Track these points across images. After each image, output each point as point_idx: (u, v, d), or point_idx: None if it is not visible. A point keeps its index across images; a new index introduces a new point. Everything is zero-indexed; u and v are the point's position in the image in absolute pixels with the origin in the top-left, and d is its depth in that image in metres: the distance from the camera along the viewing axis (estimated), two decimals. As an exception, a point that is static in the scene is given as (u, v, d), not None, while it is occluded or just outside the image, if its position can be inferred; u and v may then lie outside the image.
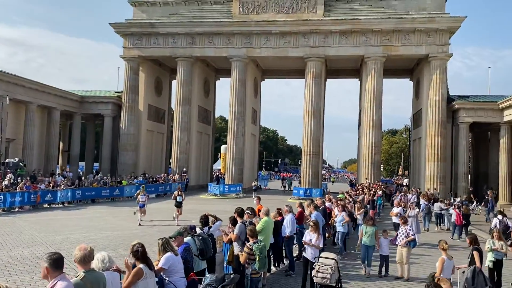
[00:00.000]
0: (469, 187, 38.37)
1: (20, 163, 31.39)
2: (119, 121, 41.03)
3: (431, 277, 8.09)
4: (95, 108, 43.45)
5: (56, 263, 4.54)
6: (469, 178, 40.83)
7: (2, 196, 23.70)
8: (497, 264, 10.51)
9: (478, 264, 8.87)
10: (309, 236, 10.56)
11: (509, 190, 34.99)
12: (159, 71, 45.24)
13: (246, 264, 8.56)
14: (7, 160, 31.39)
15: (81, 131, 45.61)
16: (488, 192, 29.18)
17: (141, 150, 41.62)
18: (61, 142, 47.34)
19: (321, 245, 10.78)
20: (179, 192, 21.43)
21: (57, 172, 39.75)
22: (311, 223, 10.95)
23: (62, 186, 28.17)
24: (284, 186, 48.82)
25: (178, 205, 20.81)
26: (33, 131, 37.48)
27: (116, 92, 44.33)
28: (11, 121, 35.69)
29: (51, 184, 28.40)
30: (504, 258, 10.80)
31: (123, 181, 34.21)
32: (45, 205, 26.42)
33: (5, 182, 25.81)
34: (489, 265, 10.46)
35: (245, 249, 8.54)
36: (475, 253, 9.12)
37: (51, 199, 26.88)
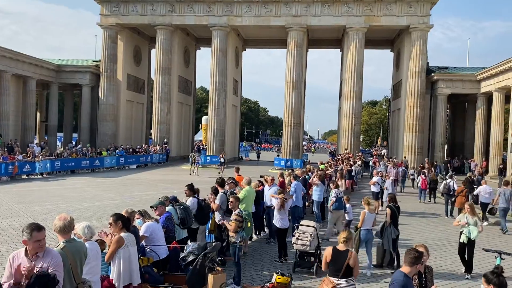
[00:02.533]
0: (445, 157, 39.33)
1: (-4, 134, 30.67)
2: (97, 91, 40.18)
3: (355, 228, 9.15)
4: (73, 78, 42.30)
5: (38, 229, 4.50)
6: (446, 148, 41.70)
7: (-22, 167, 23.27)
8: (470, 242, 9.57)
9: (388, 219, 10.09)
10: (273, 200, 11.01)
11: (484, 159, 35.95)
12: (138, 39, 44.16)
13: (234, 233, 8.64)
14: (-19, 131, 30.61)
15: (58, 101, 44.44)
16: (473, 165, 30.14)
17: (121, 121, 41.05)
18: (38, 113, 46.25)
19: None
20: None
21: (36, 142, 39.08)
22: (275, 189, 11.23)
23: (40, 157, 27.73)
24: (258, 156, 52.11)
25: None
26: (8, 101, 36.42)
27: (94, 61, 43.19)
28: (-16, 91, 34.72)
29: (29, 155, 27.94)
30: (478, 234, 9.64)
31: (103, 152, 33.86)
32: (24, 176, 26.00)
33: (-19, 153, 25.27)
34: (464, 240, 9.60)
35: (235, 216, 8.59)
36: (387, 210, 10.36)
37: (30, 170, 26.45)
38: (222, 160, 32.39)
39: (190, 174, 29.84)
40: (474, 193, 17.09)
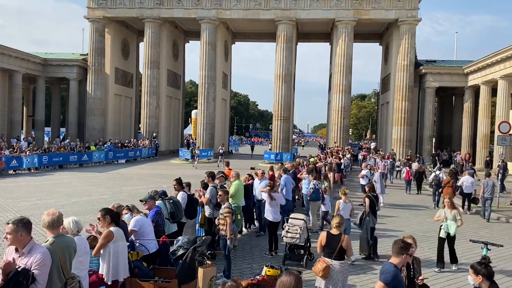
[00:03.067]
0: (433, 150, 39.68)
1: (-18, 129, 30.23)
2: (85, 85, 39.73)
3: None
4: (60, 72, 41.79)
5: (27, 228, 4.47)
6: (433, 141, 42.06)
7: (-36, 163, 22.96)
8: (449, 237, 9.53)
9: (367, 208, 10.41)
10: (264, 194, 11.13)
11: (470, 151, 36.36)
12: (126, 33, 43.69)
13: (224, 226, 8.62)
14: (-33, 126, 30.17)
15: (45, 96, 43.90)
16: (458, 157, 30.58)
17: (109, 115, 40.67)
18: (24, 107, 45.64)
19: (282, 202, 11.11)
20: None
21: (23, 137, 38.62)
22: (268, 184, 11.25)
23: (27, 152, 27.43)
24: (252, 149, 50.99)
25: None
26: (-7, 95, 35.98)
27: (81, 54, 42.69)
28: (-31, 85, 34.21)
29: (15, 150, 27.60)
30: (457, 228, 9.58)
31: (91, 146, 33.58)
32: (10, 172, 25.70)
33: (-33, 148, 24.92)
34: (443, 235, 9.57)
35: (226, 209, 8.57)
36: (366, 199, 10.60)
37: (17, 165, 26.15)
38: (221, 151, 33.60)
39: (193, 166, 30.97)
40: (458, 184, 17.46)
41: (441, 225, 9.65)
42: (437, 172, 19.07)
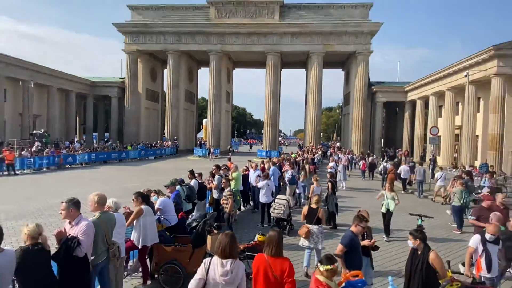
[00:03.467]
0: (382, 148, 39.87)
1: (45, 134, 29.95)
2: (123, 101, 39.48)
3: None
4: (104, 91, 41.56)
5: (77, 206, 4.46)
6: (382, 141, 42.24)
7: (32, 160, 22.71)
8: (388, 212, 9.42)
9: (330, 190, 10.65)
10: (260, 183, 11.00)
11: (409, 149, 36.58)
12: (154, 62, 43.44)
13: (227, 205, 8.59)
14: (34, 131, 29.88)
15: (93, 109, 43.62)
16: (400, 152, 30.72)
17: (141, 123, 40.43)
18: (77, 117, 45.26)
19: (273, 189, 11.06)
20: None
21: (76, 140, 38.33)
22: (264, 174, 11.27)
23: (80, 151, 27.22)
24: (250, 148, 50.29)
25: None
26: (54, 108, 35.67)
27: (120, 78, 42.38)
28: (36, 101, 33.91)
29: (71, 150, 27.39)
30: (395, 205, 9.44)
31: (128, 146, 33.41)
32: (67, 166, 25.51)
33: (34, 148, 24.67)
34: (384, 211, 9.49)
35: (228, 192, 8.58)
36: (328, 184, 10.87)
37: (72, 161, 25.95)
38: (230, 149, 34.98)
39: (210, 160, 31.02)
40: (398, 171, 17.75)
41: (383, 203, 9.65)
42: (385, 164, 19.41)
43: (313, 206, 7.23)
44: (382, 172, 18.99)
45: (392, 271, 7.04)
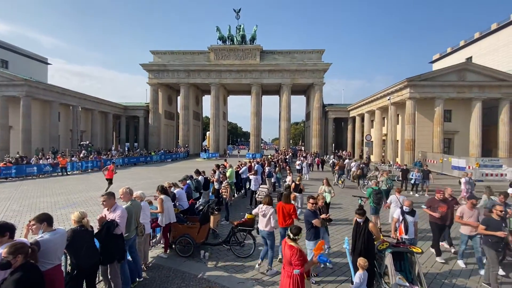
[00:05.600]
0: (333, 150, 40.27)
1: (90, 144, 28.97)
2: (148, 119, 38.63)
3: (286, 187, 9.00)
4: (133, 112, 40.52)
5: (113, 196, 4.35)
6: (333, 145, 42.71)
7: (80, 163, 21.91)
8: (326, 203, 8.83)
9: (291, 184, 9.63)
10: (252, 176, 10.89)
11: (351, 150, 37.14)
12: (170, 91, 42.73)
13: (225, 193, 8.48)
14: (81, 143, 28.88)
15: (125, 126, 42.48)
16: (344, 153, 31.12)
17: (161, 135, 39.50)
18: (114, 132, 43.99)
19: (260, 181, 11.01)
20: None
21: (113, 148, 37.19)
22: (254, 171, 11.20)
23: (116, 156, 26.42)
24: (239, 152, 49.55)
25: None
26: (96, 126, 34.56)
27: (145, 103, 41.49)
28: (83, 120, 32.83)
29: (109, 155, 26.55)
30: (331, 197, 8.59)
31: (152, 152, 32.67)
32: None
33: (81, 155, 23.82)
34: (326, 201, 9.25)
35: (225, 184, 8.49)
36: (288, 177, 10.59)
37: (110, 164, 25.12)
38: (225, 153, 33.10)
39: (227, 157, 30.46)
40: (345, 163, 17.94)
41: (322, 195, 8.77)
42: (333, 159, 19.94)
43: (297, 182, 8.68)
44: (331, 165, 19.27)
45: (345, 236, 7.10)
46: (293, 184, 8.73)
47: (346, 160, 18.24)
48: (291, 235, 3.64)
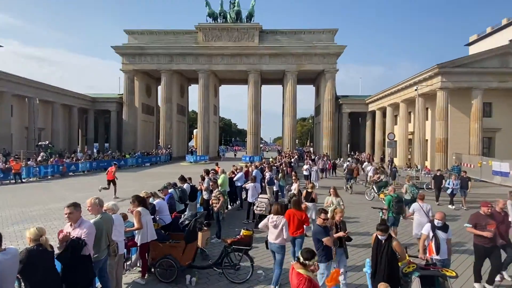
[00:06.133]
0: (348, 152, 40.41)
1: (50, 145, 28.90)
2: (121, 114, 38.59)
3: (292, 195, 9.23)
4: (103, 106, 40.49)
5: (78, 209, 4.34)
6: (348, 146, 42.82)
7: (38, 168, 21.81)
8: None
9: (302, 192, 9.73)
10: (249, 185, 10.87)
11: (371, 152, 37.26)
12: (148, 79, 42.81)
13: (217, 204, 8.46)
14: (39, 143, 28.79)
15: (94, 122, 42.39)
16: (363, 155, 31.35)
17: (138, 134, 39.56)
18: (80, 129, 43.90)
19: (259, 190, 11.03)
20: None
21: (79, 150, 37.10)
22: (251, 177, 11.20)
23: (82, 159, 26.35)
24: (235, 155, 49.24)
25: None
26: (58, 122, 34.46)
27: (118, 94, 41.48)
28: (41, 116, 32.72)
29: (74, 158, 26.48)
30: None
31: (126, 155, 32.62)
32: (70, 174, 24.62)
33: (39, 158, 23.74)
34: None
35: (217, 193, 8.45)
36: (294, 185, 10.48)
37: (75, 169, 25.08)
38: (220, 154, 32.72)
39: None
40: (363, 166, 18.19)
41: (330, 208, 7.80)
42: (347, 163, 20.13)
43: (309, 190, 8.75)
44: (345, 170, 19.29)
45: (365, 257, 7.11)
46: (305, 191, 8.88)
47: (365, 163, 18.41)
48: (301, 259, 3.48)
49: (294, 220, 6.21)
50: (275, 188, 13.42)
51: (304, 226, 6.37)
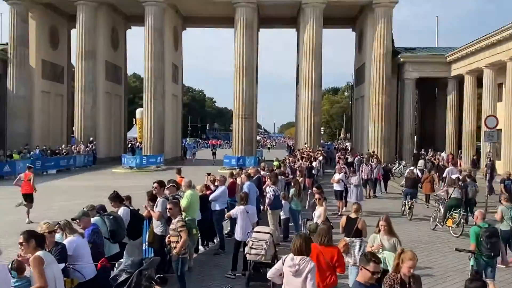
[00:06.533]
0: (414, 149, 40.35)
1: None
2: (5, 81, 38.35)
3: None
4: (-28, 65, 40.25)
5: None
6: (415, 139, 42.83)
7: None
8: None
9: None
10: (235, 210, 10.85)
11: (456, 150, 37.25)
12: (55, 18, 42.58)
13: (176, 243, 8.47)
14: None
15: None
16: (443, 155, 31.70)
17: (36, 117, 39.50)
18: None
19: (255, 219, 11.05)
20: None
21: None
22: (241, 195, 11.19)
23: None
24: (214, 154, 48.54)
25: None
26: None
27: (0, 44, 41.24)
28: None
29: None
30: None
31: (14, 155, 32.49)
32: None
33: None
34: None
35: (179, 223, 8.44)
36: (319, 209, 10.81)
37: None
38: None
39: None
40: (444, 175, 18.52)
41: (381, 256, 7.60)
42: (418, 170, 20.46)
43: (352, 215, 9.19)
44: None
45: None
46: (344, 218, 9.36)
47: (448, 169, 18.70)
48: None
49: (322, 263, 6.33)
50: (282, 215, 13.43)
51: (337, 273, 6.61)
